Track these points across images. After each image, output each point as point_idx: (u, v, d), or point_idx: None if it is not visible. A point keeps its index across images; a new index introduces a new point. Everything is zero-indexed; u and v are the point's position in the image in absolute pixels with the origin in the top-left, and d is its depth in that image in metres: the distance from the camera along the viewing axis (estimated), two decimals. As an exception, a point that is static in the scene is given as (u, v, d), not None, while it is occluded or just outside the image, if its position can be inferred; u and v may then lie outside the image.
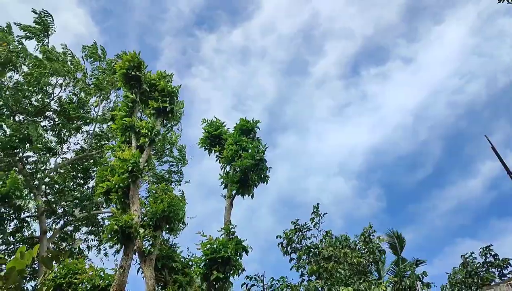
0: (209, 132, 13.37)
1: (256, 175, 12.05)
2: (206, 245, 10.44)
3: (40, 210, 18.13)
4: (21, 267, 2.51)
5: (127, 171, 11.15)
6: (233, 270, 10.41)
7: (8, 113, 19.09)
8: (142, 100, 13.45)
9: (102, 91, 20.87)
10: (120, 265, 10.15)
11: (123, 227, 10.14)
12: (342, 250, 14.55)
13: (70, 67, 19.34)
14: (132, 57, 13.28)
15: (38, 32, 19.01)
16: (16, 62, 18.53)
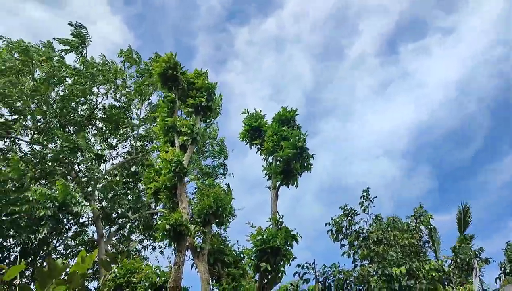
0: (249, 125, 13.42)
1: (299, 164, 12.01)
2: (256, 237, 10.57)
3: (96, 215, 19.00)
4: (83, 271, 2.64)
5: (171, 170, 11.45)
6: (283, 259, 10.49)
7: (58, 126, 20.06)
8: (181, 99, 13.72)
9: (142, 95, 21.47)
10: (174, 262, 10.52)
11: (173, 225, 10.47)
12: (392, 233, 14.32)
13: (109, 75, 20.00)
14: (168, 58, 13.52)
15: (76, 44, 19.76)
16: (59, 76, 19.37)
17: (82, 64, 19.74)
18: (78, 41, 19.68)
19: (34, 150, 20.39)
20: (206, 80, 13.71)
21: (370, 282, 13.09)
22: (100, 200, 21.12)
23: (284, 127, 12.52)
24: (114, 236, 21.17)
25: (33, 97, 19.06)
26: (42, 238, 17.99)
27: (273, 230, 10.88)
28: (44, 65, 18.55)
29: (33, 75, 18.99)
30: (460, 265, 13.87)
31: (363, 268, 13.84)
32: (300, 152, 11.90)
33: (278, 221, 11.26)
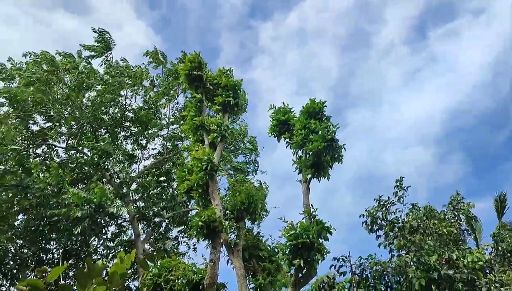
0: (277, 120, 13.39)
1: (330, 156, 11.91)
2: (289, 231, 10.57)
3: (131, 215, 19.46)
4: (122, 271, 2.70)
5: (202, 168, 11.59)
6: (318, 253, 10.45)
7: (90, 130, 20.67)
8: (208, 98, 13.82)
9: (170, 95, 21.80)
10: (209, 259, 10.66)
11: (207, 222, 10.60)
12: (429, 222, 14.01)
13: (135, 79, 20.40)
14: (193, 58, 13.62)
15: (101, 50, 20.22)
16: (88, 82, 19.91)
17: (108, 69, 20.19)
18: (103, 46, 20.13)
19: (70, 155, 21.10)
20: (231, 78, 13.75)
21: (407, 273, 12.87)
22: (135, 201, 21.63)
23: (312, 120, 12.42)
24: (150, 235, 21.64)
25: (65, 105, 19.67)
26: (83, 240, 18.58)
27: (306, 223, 10.85)
28: (72, 73, 19.09)
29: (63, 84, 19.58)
30: (502, 252, 13.44)
31: (400, 258, 13.62)
32: (330, 143, 11.78)
33: (311, 214, 11.22)
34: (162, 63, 21.60)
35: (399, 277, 13.48)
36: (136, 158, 21.97)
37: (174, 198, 21.15)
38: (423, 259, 12.64)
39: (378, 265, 14.01)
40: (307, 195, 11.90)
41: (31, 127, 20.12)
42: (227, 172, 21.49)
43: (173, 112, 22.59)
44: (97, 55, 20.22)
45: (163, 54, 21.66)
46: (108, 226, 20.31)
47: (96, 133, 20.68)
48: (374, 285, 13.81)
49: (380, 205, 15.55)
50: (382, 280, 13.93)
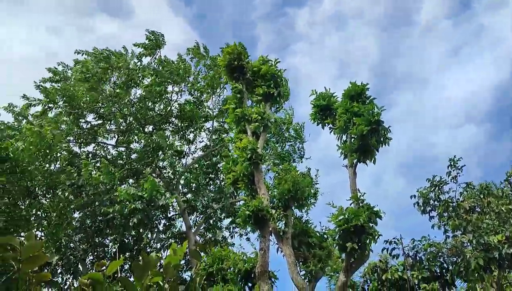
0: (318, 105, 13.23)
1: (375, 139, 11.64)
2: (338, 217, 10.48)
3: (181, 208, 20.04)
4: (176, 262, 2.79)
5: (247, 159, 11.68)
6: (369, 237, 10.32)
7: (138, 127, 21.38)
8: (248, 89, 13.87)
9: (213, 89, 22.13)
10: (259, 247, 10.79)
11: (254, 211, 10.72)
12: (485, 200, 13.43)
13: (182, 74, 20.85)
14: (232, 49, 13.67)
15: (151, 47, 20.78)
16: (136, 79, 20.56)
17: (158, 65, 20.75)
18: (153, 44, 20.67)
19: (119, 152, 21.96)
20: (271, 66, 13.71)
21: (465, 253, 12.45)
22: (184, 193, 22.22)
23: (355, 103, 12.16)
24: (201, 226, 22.18)
25: (114, 102, 20.43)
26: (136, 234, 19.31)
27: (354, 208, 10.72)
28: (122, 71, 19.78)
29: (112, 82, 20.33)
30: None
31: (456, 239, 13.19)
32: (375, 126, 11.50)
33: (359, 199, 11.06)
34: (204, 58, 21.94)
35: (455, 258, 13.07)
36: (183, 152, 22.52)
37: (222, 189, 21.53)
38: (482, 240, 12.17)
39: (432, 246, 13.65)
40: (354, 180, 11.72)
41: (82, 125, 21.12)
42: (273, 161, 21.61)
43: (217, 106, 22.96)
44: (147, 53, 20.79)
45: (205, 48, 22.00)
46: (160, 220, 20.98)
47: (143, 129, 21.36)
48: (429, 267, 13.49)
49: (433, 185, 15.09)
50: (437, 261, 13.57)
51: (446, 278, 13.34)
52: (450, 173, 14.97)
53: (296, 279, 10.87)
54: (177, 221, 22.00)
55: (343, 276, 10.51)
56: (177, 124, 22.88)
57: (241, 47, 13.81)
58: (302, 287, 10.78)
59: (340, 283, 10.55)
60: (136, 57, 20.73)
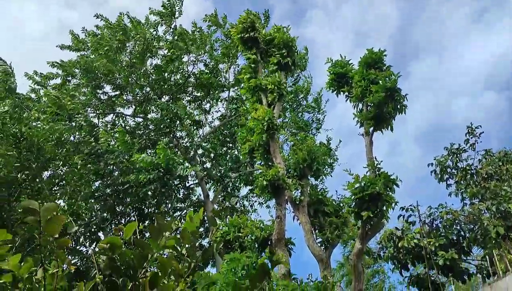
0: (335, 73, 13.06)
1: (392, 106, 11.51)
2: (354, 185, 10.51)
3: (199, 177, 20.34)
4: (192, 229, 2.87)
5: (263, 128, 11.71)
6: (385, 204, 10.35)
7: (155, 97, 21.52)
8: (263, 58, 13.74)
9: (229, 58, 21.99)
10: (276, 215, 10.96)
11: (271, 181, 10.82)
12: (504, 167, 13.27)
13: (199, 43, 20.73)
14: (245, 19, 13.48)
15: (167, 15, 20.60)
16: (152, 49, 20.52)
17: (174, 36, 20.62)
18: (168, 12, 20.49)
19: (137, 122, 22.22)
20: (285, 34, 13.50)
21: (482, 221, 12.41)
22: (202, 163, 22.50)
23: (372, 70, 11.98)
24: (218, 194, 22.53)
25: (131, 73, 20.52)
26: (155, 204, 19.74)
27: (371, 176, 10.72)
28: (138, 41, 19.76)
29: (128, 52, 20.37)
30: None
31: (473, 206, 13.15)
32: (392, 93, 11.36)
33: (375, 167, 11.04)
34: (221, 26, 21.69)
35: (472, 225, 13.06)
36: (201, 122, 22.65)
37: (239, 158, 21.71)
38: (502, 207, 12.10)
39: (449, 214, 13.64)
40: (370, 148, 11.67)
41: (100, 96, 21.35)
42: (290, 131, 21.61)
43: (233, 75, 22.89)
44: (163, 22, 20.64)
45: (223, 17, 21.74)
46: (179, 189, 21.35)
47: (161, 99, 21.49)
48: (445, 234, 13.51)
49: (451, 153, 14.95)
50: (454, 229, 13.59)
51: (462, 245, 13.37)
52: (468, 141, 14.79)
53: (312, 246, 11.06)
54: (195, 190, 22.37)
55: (359, 243, 10.63)
56: (193, 94, 22.94)
57: (254, 16, 13.60)
58: (318, 254, 10.96)
59: (356, 250, 10.68)
60: (152, 27, 20.63)
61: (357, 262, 10.68)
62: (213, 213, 3.42)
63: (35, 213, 2.04)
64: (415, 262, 13.97)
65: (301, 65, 20.94)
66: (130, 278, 2.33)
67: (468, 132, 14.82)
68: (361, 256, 10.95)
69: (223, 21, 21.77)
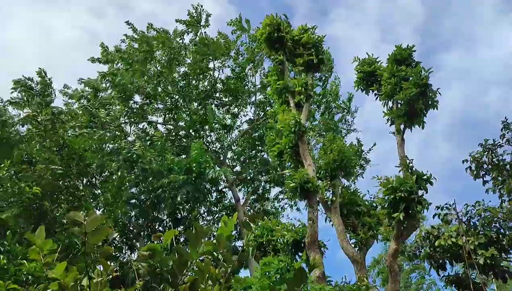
0: (363, 72, 12.90)
1: (423, 103, 11.28)
2: (386, 185, 10.36)
3: (230, 181, 20.51)
4: (227, 234, 2.92)
5: (291, 131, 11.69)
6: (418, 204, 10.15)
7: (183, 104, 21.89)
8: (289, 59, 13.72)
9: (255, 61, 22.13)
10: (308, 218, 10.92)
11: (301, 183, 10.79)
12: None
13: (223, 49, 20.96)
14: (270, 21, 13.50)
15: (193, 24, 20.93)
16: (179, 57, 20.88)
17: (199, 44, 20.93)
18: (194, 20, 20.81)
19: (168, 130, 22.64)
20: (311, 34, 13.45)
21: (522, 218, 11.98)
22: (232, 167, 22.70)
23: (401, 67, 11.78)
24: (249, 198, 22.64)
25: (159, 82, 20.95)
26: (188, 208, 20.01)
27: (403, 176, 10.53)
28: (164, 50, 20.16)
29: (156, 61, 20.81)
30: None
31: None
32: (423, 89, 11.13)
33: (407, 165, 10.84)
34: (246, 31, 21.84)
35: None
36: (229, 126, 22.88)
37: (268, 161, 21.77)
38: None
39: (488, 211, 13.21)
40: (402, 146, 11.46)
41: (131, 106, 21.87)
42: (318, 132, 21.52)
43: (260, 78, 23.03)
44: (189, 30, 20.99)
45: (247, 21, 21.91)
46: (210, 193, 21.60)
47: (189, 106, 21.83)
48: (484, 232, 13.10)
49: (486, 149, 14.50)
50: (493, 227, 13.15)
51: (502, 243, 12.92)
52: (504, 135, 14.32)
53: (346, 248, 10.95)
54: (227, 194, 22.58)
55: (394, 244, 10.46)
56: (221, 99, 23.19)
57: (279, 18, 13.62)
58: (353, 255, 10.85)
59: (391, 250, 10.52)
60: (178, 35, 20.99)
61: (393, 263, 10.51)
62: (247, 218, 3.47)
63: (80, 225, 2.14)
64: (452, 261, 13.59)
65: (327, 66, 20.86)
66: (170, 284, 2.40)
67: (504, 127, 14.36)
68: (397, 257, 10.76)
69: (247, 25, 21.91)
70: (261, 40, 13.80)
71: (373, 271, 27.06)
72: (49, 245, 2.57)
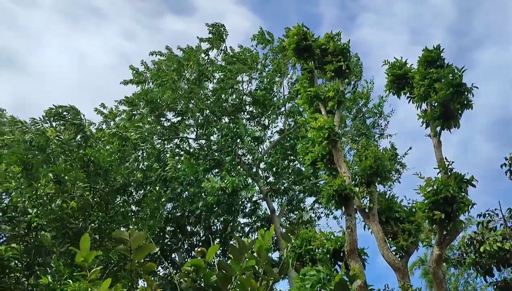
0: (393, 75, 12.70)
1: (458, 103, 10.98)
2: (425, 188, 10.09)
3: (264, 192, 20.51)
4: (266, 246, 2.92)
5: (324, 138, 11.60)
6: (461, 207, 9.82)
7: (215, 119, 22.18)
8: (318, 67, 13.69)
9: (281, 72, 22.25)
10: (346, 226, 10.73)
11: (337, 191, 10.65)
12: None
13: (250, 63, 21.21)
14: (297, 30, 13.53)
15: (215, 40, 21.32)
16: (207, 73, 21.26)
17: (224, 60, 21.31)
18: (217, 37, 21.20)
19: (201, 145, 22.96)
20: (338, 41, 13.40)
21: None
22: (265, 178, 22.72)
23: (432, 68, 11.53)
24: (284, 208, 22.56)
25: (190, 98, 21.35)
26: (224, 221, 20.15)
27: (443, 178, 10.24)
28: (192, 67, 20.59)
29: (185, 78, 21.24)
30: None
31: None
32: (458, 89, 10.85)
33: (447, 168, 10.54)
34: (270, 42, 22.12)
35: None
36: (260, 138, 22.99)
37: (301, 171, 21.66)
38: None
39: (535, 213, 12.63)
40: (439, 149, 11.17)
41: (163, 124, 22.35)
42: (351, 138, 21.33)
43: (288, 88, 23.16)
44: (212, 46, 21.39)
45: (270, 34, 22.22)
46: (245, 205, 21.67)
47: (220, 121, 22.10)
48: (532, 235, 12.51)
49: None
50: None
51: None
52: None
53: (387, 255, 10.69)
54: (261, 205, 22.60)
55: (437, 249, 10.13)
56: (251, 111, 23.36)
57: (305, 27, 13.65)
58: (395, 263, 10.57)
59: (434, 256, 10.19)
60: (204, 52, 21.39)
61: (437, 269, 10.17)
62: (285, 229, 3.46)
63: (126, 242, 2.18)
64: (499, 266, 13.02)
65: (356, 72, 20.73)
66: (214, 299, 2.41)
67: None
68: (441, 263, 10.42)
69: (270, 38, 22.21)
70: (289, 50, 13.83)
71: (414, 274, 26.16)
72: (93, 256, 2.60)
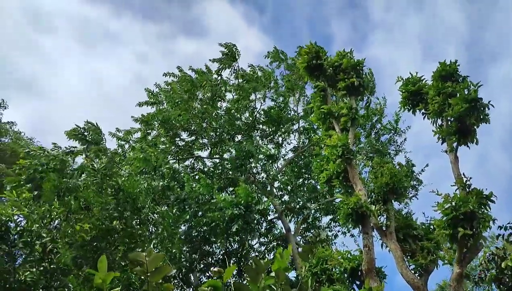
0: (407, 91, 12.64)
1: (474, 118, 10.85)
2: (444, 205, 9.91)
3: (279, 211, 20.40)
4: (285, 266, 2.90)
5: (339, 156, 11.54)
6: (481, 223, 9.61)
7: (228, 137, 22.31)
8: (330, 85, 13.72)
9: (295, 90, 22.41)
10: (363, 244, 10.58)
11: (354, 208, 10.54)
12: None
13: (262, 81, 21.42)
14: (309, 48, 13.63)
15: (228, 60, 21.61)
16: (220, 93, 21.50)
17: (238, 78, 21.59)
18: (229, 57, 21.51)
19: (215, 164, 23.04)
20: (351, 59, 13.44)
21: None
22: (280, 196, 22.62)
23: (447, 83, 11.45)
24: (300, 226, 22.37)
25: (204, 118, 21.56)
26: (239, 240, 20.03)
27: (461, 194, 10.06)
28: (205, 88, 20.89)
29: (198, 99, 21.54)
30: None
31: None
32: (474, 104, 10.72)
33: (465, 184, 10.36)
34: (283, 61, 22.35)
35: None
36: (274, 156, 22.99)
37: (316, 189, 21.52)
38: None
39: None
40: (456, 165, 11.00)
41: (178, 143, 22.56)
42: (366, 155, 21.20)
43: (301, 106, 23.26)
44: (225, 67, 21.69)
45: (283, 52, 22.47)
46: (261, 223, 21.53)
47: (233, 139, 22.21)
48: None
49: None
50: None
51: None
52: None
53: (406, 274, 10.48)
54: (277, 224, 22.46)
55: (458, 267, 9.90)
56: (264, 129, 23.43)
57: (317, 46, 13.76)
58: (414, 282, 10.35)
59: (455, 274, 9.95)
60: (216, 73, 21.69)
61: (458, 288, 9.92)
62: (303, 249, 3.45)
63: (142, 264, 2.19)
64: (524, 283, 12.65)
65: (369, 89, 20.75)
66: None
67: None
68: (462, 281, 10.16)
69: (283, 56, 22.47)
70: (301, 69, 13.92)
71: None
72: (111, 277, 2.60)
